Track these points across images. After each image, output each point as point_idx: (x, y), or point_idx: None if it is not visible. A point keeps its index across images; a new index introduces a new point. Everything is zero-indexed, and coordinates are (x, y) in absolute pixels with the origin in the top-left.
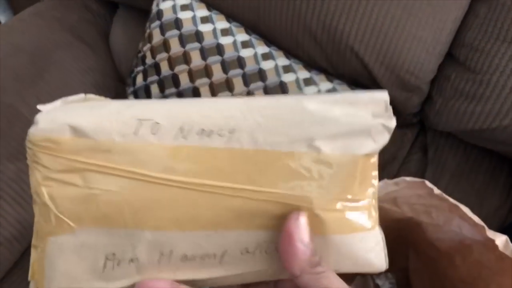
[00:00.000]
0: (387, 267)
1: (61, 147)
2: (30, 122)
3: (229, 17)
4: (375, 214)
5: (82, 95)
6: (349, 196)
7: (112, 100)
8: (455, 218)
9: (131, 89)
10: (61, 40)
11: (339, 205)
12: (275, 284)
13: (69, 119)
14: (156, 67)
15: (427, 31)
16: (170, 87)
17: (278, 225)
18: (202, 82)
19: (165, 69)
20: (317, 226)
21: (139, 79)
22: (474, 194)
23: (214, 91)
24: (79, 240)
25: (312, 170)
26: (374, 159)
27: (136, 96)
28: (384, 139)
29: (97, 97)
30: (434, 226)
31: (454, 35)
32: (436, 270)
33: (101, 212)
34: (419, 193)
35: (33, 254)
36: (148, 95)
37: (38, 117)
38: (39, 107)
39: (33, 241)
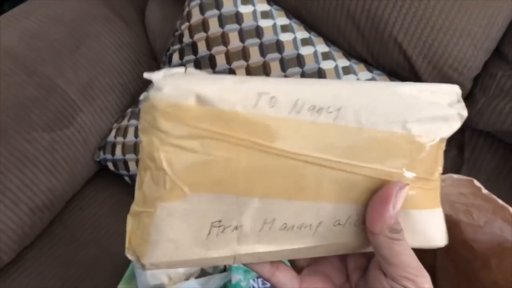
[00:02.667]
0: (447, 242)
1: (184, 113)
2: (65, 93)
3: (270, 0)
4: (438, 192)
5: (182, 69)
6: (428, 176)
7: (222, 75)
8: (498, 220)
9: (166, 67)
10: (99, 13)
11: (420, 183)
12: (340, 258)
13: (195, 87)
14: (193, 47)
15: (477, 26)
16: (206, 67)
17: (368, 199)
18: (238, 65)
19: (202, 49)
20: None
21: (175, 58)
22: (511, 197)
23: (250, 75)
24: (189, 206)
25: (404, 149)
26: (444, 143)
27: None
28: (457, 125)
29: (197, 71)
30: (473, 226)
31: (504, 31)
32: (467, 271)
33: (216, 178)
34: (462, 192)
35: (133, 220)
36: None
37: (161, 83)
38: (146, 75)
39: (136, 208)
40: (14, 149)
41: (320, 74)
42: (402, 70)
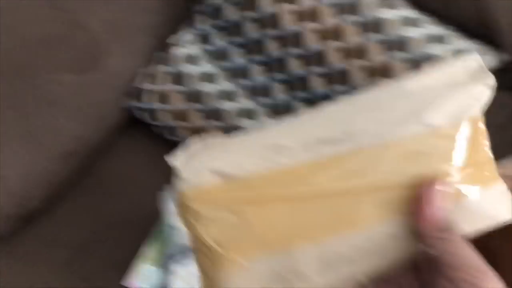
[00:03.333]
0: None
1: (212, 193)
2: (92, 32)
3: None
4: (492, 168)
5: (199, 143)
6: (471, 159)
7: (231, 138)
8: None
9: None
10: None
11: (461, 171)
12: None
13: (211, 165)
14: None
15: None
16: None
17: (413, 206)
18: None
19: None
20: None
21: None
22: None
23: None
24: (251, 273)
25: (432, 146)
26: (480, 117)
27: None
28: (487, 97)
29: (212, 139)
30: None
31: None
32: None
33: (260, 239)
34: None
35: None
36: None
37: (183, 172)
38: (169, 160)
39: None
40: (35, 89)
41: (378, 23)
42: (476, 25)
